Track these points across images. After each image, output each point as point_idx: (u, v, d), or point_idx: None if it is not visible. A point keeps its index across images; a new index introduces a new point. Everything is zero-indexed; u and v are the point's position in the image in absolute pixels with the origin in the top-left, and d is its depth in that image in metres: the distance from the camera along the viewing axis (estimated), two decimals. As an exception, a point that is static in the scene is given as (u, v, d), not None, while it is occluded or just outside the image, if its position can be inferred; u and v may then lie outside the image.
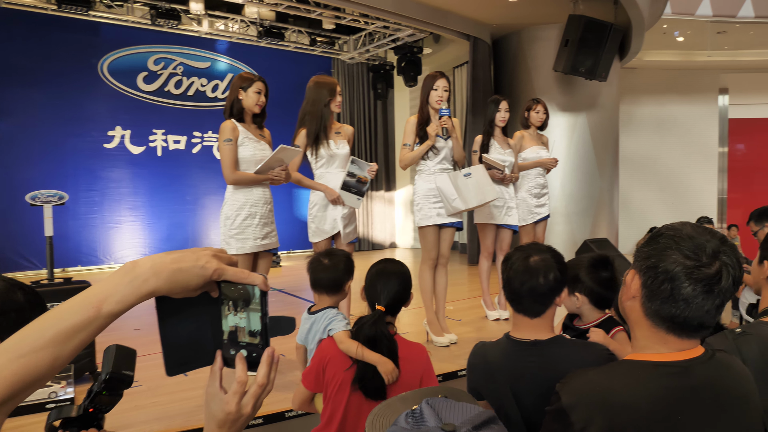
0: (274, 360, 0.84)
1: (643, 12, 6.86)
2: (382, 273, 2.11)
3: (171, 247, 8.78)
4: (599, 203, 8.26)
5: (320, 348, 2.15)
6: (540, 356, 1.61)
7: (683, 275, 1.09)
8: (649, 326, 1.17)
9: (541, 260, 1.64)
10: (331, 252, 2.46)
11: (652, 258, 1.13)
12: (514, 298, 1.67)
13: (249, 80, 3.36)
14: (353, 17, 8.42)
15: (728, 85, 11.35)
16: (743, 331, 1.61)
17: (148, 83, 8.61)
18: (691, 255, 1.09)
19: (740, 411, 1.13)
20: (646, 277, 1.14)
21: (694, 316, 1.11)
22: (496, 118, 4.55)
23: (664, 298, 1.11)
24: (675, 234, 1.13)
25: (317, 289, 2.38)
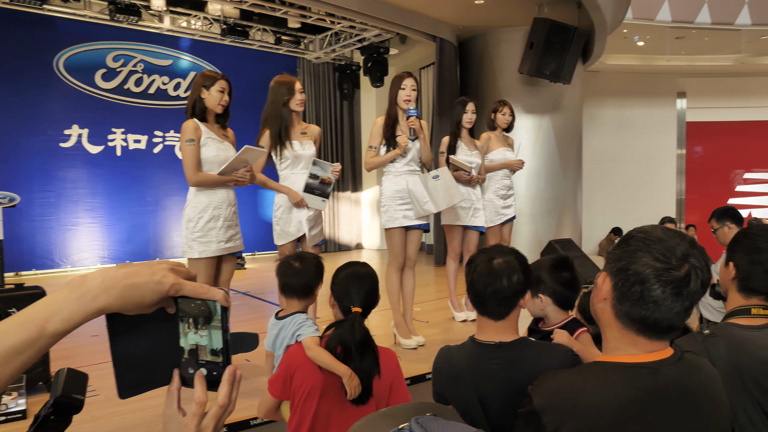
0: (236, 378, 0.79)
1: (606, 16, 6.98)
2: (354, 276, 2.07)
3: (131, 249, 8.55)
4: (563, 204, 8.38)
5: (288, 354, 2.10)
6: (504, 358, 1.60)
7: (653, 277, 1.10)
8: (620, 328, 1.17)
9: (505, 262, 1.63)
10: (301, 255, 2.39)
11: (623, 260, 1.14)
12: (478, 301, 1.66)
13: (212, 78, 3.26)
14: (319, 16, 8.34)
15: (686, 89, 11.68)
16: (712, 333, 1.63)
17: (107, 81, 8.35)
18: (661, 258, 1.10)
19: (709, 411, 1.15)
20: (617, 280, 1.15)
21: (663, 317, 1.12)
22: (463, 120, 4.55)
23: (635, 300, 1.12)
24: (646, 237, 1.13)
25: (287, 294, 2.32)
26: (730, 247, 1.71)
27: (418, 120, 3.83)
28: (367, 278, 2.06)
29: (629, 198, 11.51)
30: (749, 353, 1.55)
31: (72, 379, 0.93)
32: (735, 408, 1.52)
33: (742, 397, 1.53)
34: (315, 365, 1.99)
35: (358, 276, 2.06)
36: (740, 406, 1.52)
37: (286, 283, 2.31)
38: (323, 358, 1.97)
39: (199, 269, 3.25)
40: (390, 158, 3.86)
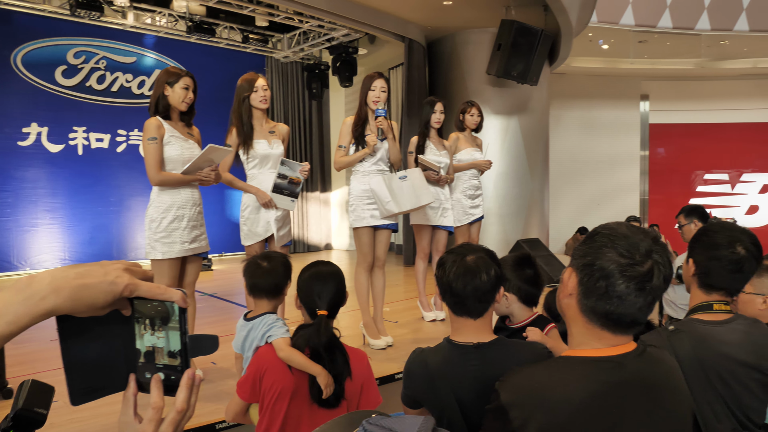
0: (195, 382, 0.76)
1: (572, 19, 7.09)
2: (318, 276, 2.04)
3: (94, 251, 8.33)
4: (531, 204, 8.47)
5: (257, 356, 2.06)
6: (483, 359, 1.58)
7: (618, 273, 1.11)
8: (585, 323, 1.19)
9: (479, 258, 1.62)
10: (268, 255, 2.34)
11: (589, 256, 1.16)
12: (457, 302, 1.63)
13: (176, 75, 3.19)
14: (287, 15, 8.26)
15: (649, 91, 11.96)
16: (676, 329, 1.66)
17: (68, 78, 8.12)
18: (625, 253, 1.12)
19: (671, 402, 1.18)
20: (583, 275, 1.17)
21: (627, 312, 1.14)
22: (431, 120, 4.56)
23: (600, 295, 1.14)
24: (611, 233, 1.15)
25: (256, 294, 2.27)
26: (691, 245, 1.74)
27: (387, 120, 3.82)
28: (331, 278, 2.03)
29: (595, 198, 11.72)
30: (712, 348, 1.58)
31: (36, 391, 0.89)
32: (699, 401, 1.55)
33: (706, 390, 1.56)
34: (285, 367, 1.96)
35: (321, 276, 2.03)
36: (704, 399, 1.55)
37: (255, 284, 2.27)
38: (297, 358, 1.95)
39: (163, 270, 3.18)
40: (359, 158, 3.84)
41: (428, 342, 4.10)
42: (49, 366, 3.71)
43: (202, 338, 0.81)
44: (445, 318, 4.72)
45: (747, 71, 11.29)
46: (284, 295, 2.34)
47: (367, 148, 3.80)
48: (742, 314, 1.77)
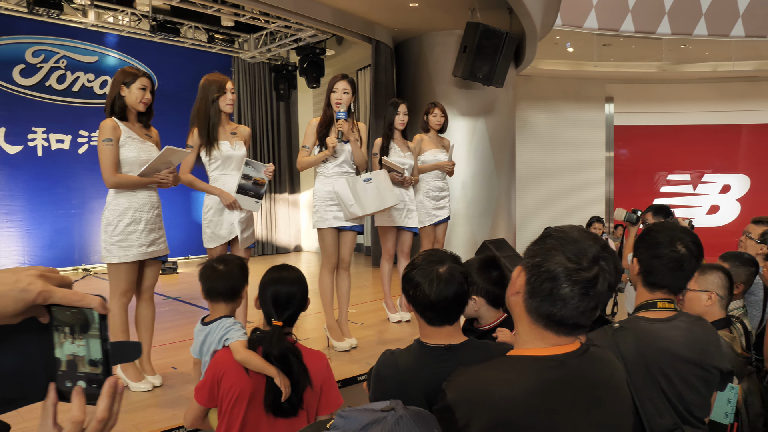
0: (118, 390, 0.74)
1: (536, 22, 7.19)
2: (277, 281, 2.03)
3: (55, 255, 8.12)
4: (497, 205, 8.56)
5: (215, 359, 2.04)
6: (454, 360, 1.58)
7: (563, 276, 1.13)
8: (530, 322, 1.21)
9: (451, 269, 1.61)
10: (224, 258, 2.33)
11: (538, 257, 1.18)
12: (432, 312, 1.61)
13: (132, 75, 3.13)
14: (252, 15, 8.18)
15: (613, 94, 12.19)
16: (621, 327, 1.69)
17: (26, 77, 7.90)
18: (573, 258, 1.14)
19: (612, 400, 1.21)
20: (530, 275, 1.18)
21: (569, 315, 1.16)
22: (395, 121, 4.57)
23: (544, 297, 1.16)
24: (562, 236, 1.17)
25: (213, 298, 2.25)
26: (635, 244, 1.78)
27: (348, 123, 3.81)
28: (291, 284, 2.01)
29: (561, 199, 11.89)
30: (655, 345, 1.62)
31: None
32: (641, 397, 1.58)
33: (648, 386, 1.59)
34: (243, 370, 1.96)
35: (280, 281, 2.02)
36: (647, 395, 1.58)
37: (211, 287, 2.24)
38: (254, 360, 1.94)
39: (120, 275, 3.11)
40: (319, 159, 3.83)
41: (393, 343, 4.12)
42: None
43: (125, 345, 0.79)
44: (410, 319, 4.73)
45: (707, 74, 11.60)
46: (242, 298, 2.32)
47: (327, 150, 3.78)
48: (687, 312, 1.81)
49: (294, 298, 2.00)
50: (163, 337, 4.33)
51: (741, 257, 2.72)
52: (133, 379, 3.23)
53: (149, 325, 3.35)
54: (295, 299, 2.00)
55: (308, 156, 3.88)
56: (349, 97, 3.82)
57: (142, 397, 3.14)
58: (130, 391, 3.20)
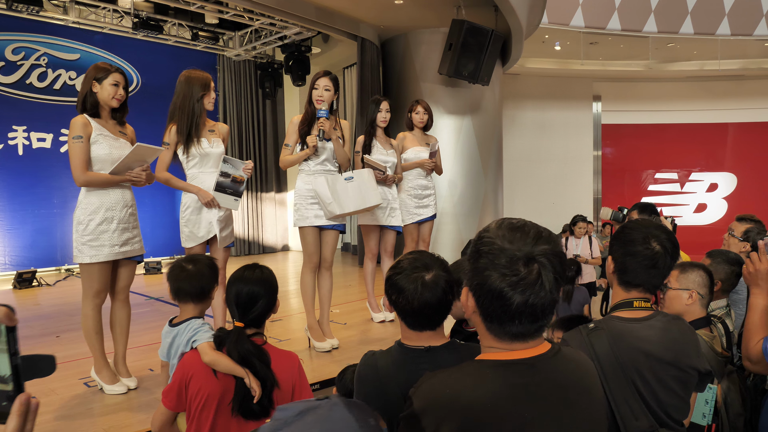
0: (31, 408, 0.68)
1: (521, 20, 7.15)
2: (240, 281, 1.97)
3: (36, 255, 8.00)
4: (484, 203, 8.53)
5: (182, 362, 1.99)
6: (434, 363, 1.54)
7: (509, 290, 1.09)
8: (494, 338, 1.17)
9: (436, 276, 1.57)
10: (193, 258, 2.26)
11: (476, 278, 1.14)
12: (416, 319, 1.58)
13: (104, 71, 3.05)
14: (237, 12, 8.10)
15: (601, 92, 12.21)
16: (595, 327, 1.65)
17: (6, 74, 7.78)
18: (508, 272, 1.09)
19: (585, 403, 1.17)
20: (477, 297, 1.15)
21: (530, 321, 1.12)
22: (377, 119, 4.51)
23: (499, 315, 1.12)
24: (489, 250, 1.12)
25: (181, 298, 2.19)
26: (611, 243, 1.74)
27: (329, 121, 3.75)
28: (253, 284, 1.95)
29: (549, 197, 11.90)
30: (630, 345, 1.57)
31: None
32: (617, 399, 1.53)
33: (623, 388, 1.55)
34: (211, 372, 1.91)
35: (242, 281, 1.96)
36: (622, 396, 1.54)
37: (180, 288, 2.18)
38: (222, 361, 1.89)
39: (92, 275, 3.04)
40: (301, 158, 3.77)
41: (376, 343, 4.07)
42: None
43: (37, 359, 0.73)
44: (394, 319, 4.68)
45: (694, 73, 11.65)
46: (211, 299, 2.25)
47: (308, 149, 3.72)
48: (665, 311, 1.77)
49: (257, 298, 1.93)
50: (142, 338, 4.25)
51: (726, 255, 2.69)
52: (107, 381, 3.16)
53: (125, 326, 3.27)
54: (259, 300, 1.93)
55: (290, 154, 3.82)
56: (330, 95, 3.75)
57: (115, 400, 3.07)
58: (104, 394, 3.13)
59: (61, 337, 4.52)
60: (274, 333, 4.42)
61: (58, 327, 4.85)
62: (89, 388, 3.26)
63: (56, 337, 4.52)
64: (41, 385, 3.32)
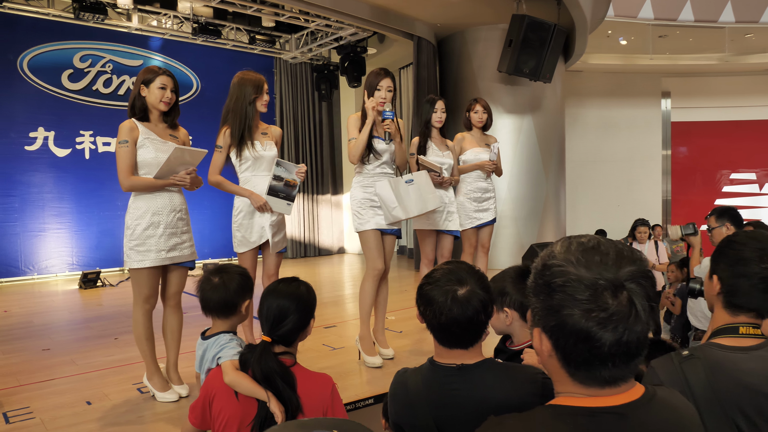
0: None
1: (586, 13, 6.80)
2: (270, 293, 1.84)
3: (101, 256, 8.26)
4: (546, 206, 8.18)
5: (207, 379, 1.89)
6: (466, 382, 1.42)
7: (597, 328, 0.89)
8: (577, 384, 0.96)
9: (470, 292, 1.42)
10: (223, 269, 2.11)
11: (553, 318, 0.94)
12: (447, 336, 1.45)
13: (152, 73, 3.00)
14: (293, 14, 8.10)
15: (670, 88, 11.55)
16: (690, 354, 1.41)
17: (74, 81, 8.07)
18: (593, 307, 0.89)
19: None
20: (555, 340, 0.95)
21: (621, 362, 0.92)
22: (432, 119, 4.32)
23: (585, 360, 0.92)
24: (565, 282, 0.92)
25: (207, 312, 2.08)
26: (714, 258, 1.49)
27: (395, 121, 3.60)
28: (282, 298, 1.82)
29: (614, 199, 11.36)
30: (732, 378, 1.34)
31: None
32: None
33: (722, 426, 1.32)
34: (233, 394, 1.78)
35: (273, 294, 1.83)
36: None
37: (204, 301, 2.06)
38: (243, 383, 1.76)
39: (141, 280, 2.99)
40: (366, 132, 3.54)
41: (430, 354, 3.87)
42: (33, 378, 3.57)
43: None
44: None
45: (773, 66, 10.85)
46: (241, 313, 2.11)
47: (369, 118, 3.52)
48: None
49: (287, 313, 1.79)
50: (194, 343, 4.21)
51: None
52: (159, 388, 3.11)
53: (176, 333, 3.23)
54: (289, 316, 1.79)
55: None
56: (392, 95, 3.61)
57: (166, 408, 3.02)
58: (156, 401, 3.09)
59: (119, 339, 4.56)
60: (328, 340, 4.31)
61: (117, 329, 4.91)
62: (142, 394, 3.23)
63: (114, 339, 4.57)
64: (95, 390, 3.33)
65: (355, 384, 3.32)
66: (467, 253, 4.62)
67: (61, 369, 3.79)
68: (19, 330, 4.98)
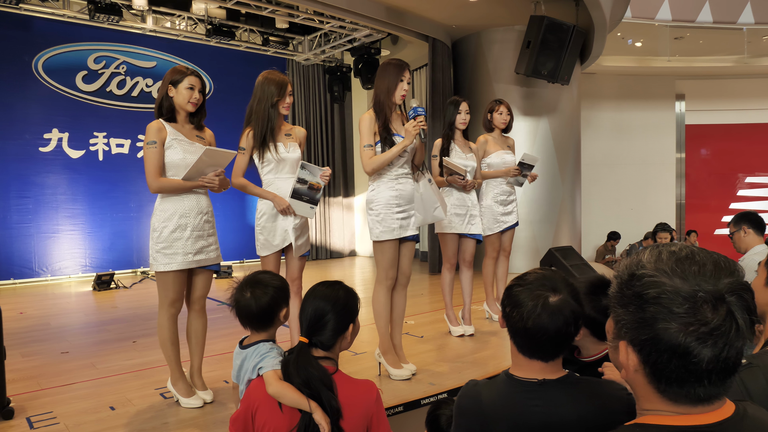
0: None
1: (606, 13, 6.74)
2: (311, 295, 1.80)
3: (114, 258, 8.23)
4: (561, 209, 8.11)
5: (249, 390, 1.82)
6: (548, 399, 1.34)
7: (696, 344, 0.83)
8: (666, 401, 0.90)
9: (562, 302, 1.36)
10: (256, 281, 2.02)
11: (644, 330, 0.88)
12: (532, 346, 1.38)
13: (180, 74, 2.96)
14: (307, 16, 8.06)
15: (684, 91, 11.45)
16: (749, 363, 1.36)
17: (88, 83, 8.06)
18: (693, 321, 0.83)
19: None
20: (645, 354, 0.89)
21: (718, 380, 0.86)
22: (456, 121, 4.26)
23: (679, 376, 0.87)
24: (659, 293, 0.86)
25: (242, 324, 2.02)
26: None
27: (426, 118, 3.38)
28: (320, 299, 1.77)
29: (627, 202, 11.26)
30: None
31: None
32: None
33: None
34: (276, 405, 1.72)
35: (312, 296, 1.79)
36: None
37: (239, 314, 2.00)
38: (288, 394, 1.70)
39: (167, 283, 2.95)
40: (397, 153, 3.28)
41: (455, 360, 3.82)
42: (54, 382, 3.53)
43: None
44: (473, 333, 4.41)
45: (790, 68, 10.73)
46: (278, 321, 2.04)
47: (407, 139, 3.25)
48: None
49: (323, 315, 1.75)
50: (216, 346, 4.17)
51: None
52: (183, 394, 3.06)
53: (200, 337, 3.17)
54: (326, 318, 1.75)
55: (376, 155, 3.34)
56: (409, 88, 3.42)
57: (190, 415, 2.97)
58: (180, 407, 3.04)
59: (137, 342, 4.51)
60: (349, 345, 4.25)
61: (134, 332, 4.87)
62: (165, 400, 3.18)
63: (132, 342, 4.53)
64: (118, 395, 3.28)
65: (381, 391, 3.26)
66: (490, 257, 4.56)
67: (81, 373, 3.74)
68: (37, 332, 4.94)
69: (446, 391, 3.22)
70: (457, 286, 4.71)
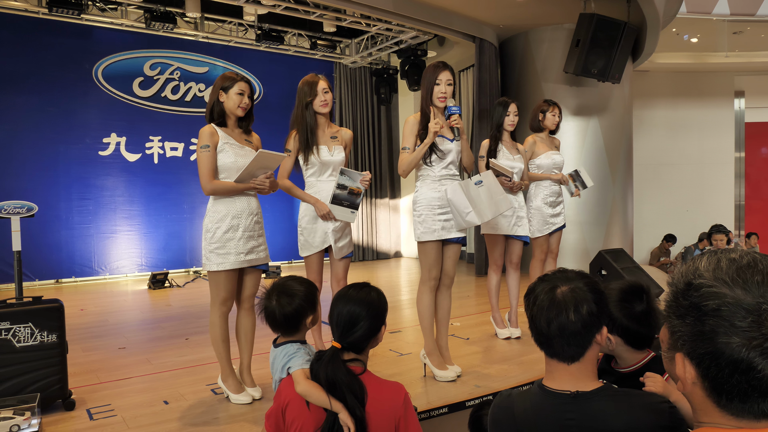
0: None
1: (659, 9, 6.53)
2: (341, 299, 1.82)
3: (168, 257, 8.52)
4: (612, 211, 7.91)
5: (280, 388, 1.90)
6: (583, 412, 1.31)
7: (759, 359, 0.80)
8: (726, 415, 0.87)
9: (570, 291, 1.34)
10: (282, 289, 2.04)
11: (704, 344, 0.84)
12: (543, 341, 1.38)
13: (231, 80, 3.06)
14: (354, 19, 8.14)
15: (744, 87, 10.98)
16: None
17: (144, 89, 8.37)
18: (757, 335, 0.79)
19: None
20: (705, 368, 0.85)
21: None
22: (505, 122, 4.22)
23: (742, 392, 0.83)
24: (720, 305, 0.82)
25: (272, 329, 2.06)
26: None
27: (461, 118, 3.38)
28: (353, 303, 1.78)
29: (682, 204, 10.87)
30: None
31: None
32: None
33: None
34: (304, 402, 1.77)
35: (343, 300, 1.80)
36: None
37: (267, 320, 2.04)
38: (315, 393, 1.74)
39: (219, 283, 3.04)
40: (421, 152, 3.30)
41: (501, 363, 3.78)
42: (113, 376, 3.69)
43: None
44: (520, 336, 4.36)
45: None
46: (306, 326, 2.08)
47: (428, 138, 3.25)
48: None
49: (358, 320, 1.76)
50: (265, 345, 4.24)
51: None
52: (233, 390, 3.15)
53: (249, 335, 3.26)
54: (360, 322, 1.76)
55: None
56: (452, 89, 3.36)
57: (240, 411, 3.05)
58: (230, 403, 3.13)
59: (190, 339, 4.66)
60: (395, 346, 4.27)
61: (187, 329, 5.03)
62: (216, 395, 3.28)
63: (185, 339, 4.67)
64: (172, 390, 3.40)
65: (425, 392, 3.26)
66: (538, 259, 4.50)
67: (137, 368, 3.90)
68: (96, 328, 5.17)
69: (492, 393, 3.19)
70: (504, 289, 4.66)
